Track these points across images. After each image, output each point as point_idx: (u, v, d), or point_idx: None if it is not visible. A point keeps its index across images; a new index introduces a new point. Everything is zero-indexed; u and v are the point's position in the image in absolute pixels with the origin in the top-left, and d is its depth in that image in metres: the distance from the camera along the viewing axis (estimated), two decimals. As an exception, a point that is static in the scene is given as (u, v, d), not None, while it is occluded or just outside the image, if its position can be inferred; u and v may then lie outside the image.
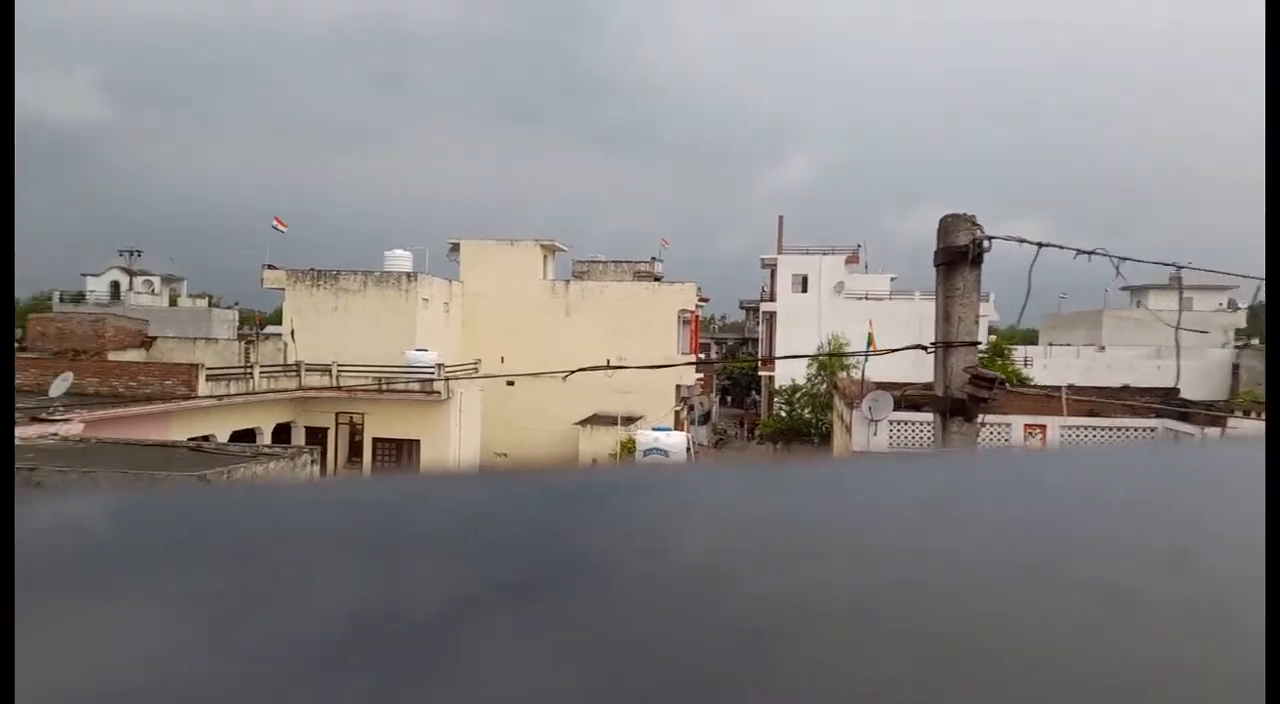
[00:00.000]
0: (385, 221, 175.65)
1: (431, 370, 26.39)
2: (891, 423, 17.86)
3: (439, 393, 25.85)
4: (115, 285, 53.44)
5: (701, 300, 38.83)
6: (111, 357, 25.13)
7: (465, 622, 0.33)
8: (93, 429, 16.86)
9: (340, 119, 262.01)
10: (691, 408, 39.18)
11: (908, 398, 18.56)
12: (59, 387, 19.54)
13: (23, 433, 15.46)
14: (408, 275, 31.03)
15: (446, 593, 0.35)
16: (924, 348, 5.24)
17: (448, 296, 33.44)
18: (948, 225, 4.73)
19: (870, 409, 17.54)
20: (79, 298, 52.09)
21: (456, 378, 26.94)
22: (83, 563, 0.37)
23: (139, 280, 54.25)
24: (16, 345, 31.92)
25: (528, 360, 29.22)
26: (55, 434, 16.05)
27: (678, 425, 32.79)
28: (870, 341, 27.05)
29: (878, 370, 22.29)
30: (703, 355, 48.67)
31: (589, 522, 0.47)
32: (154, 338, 28.89)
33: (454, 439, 26.32)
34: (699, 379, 39.22)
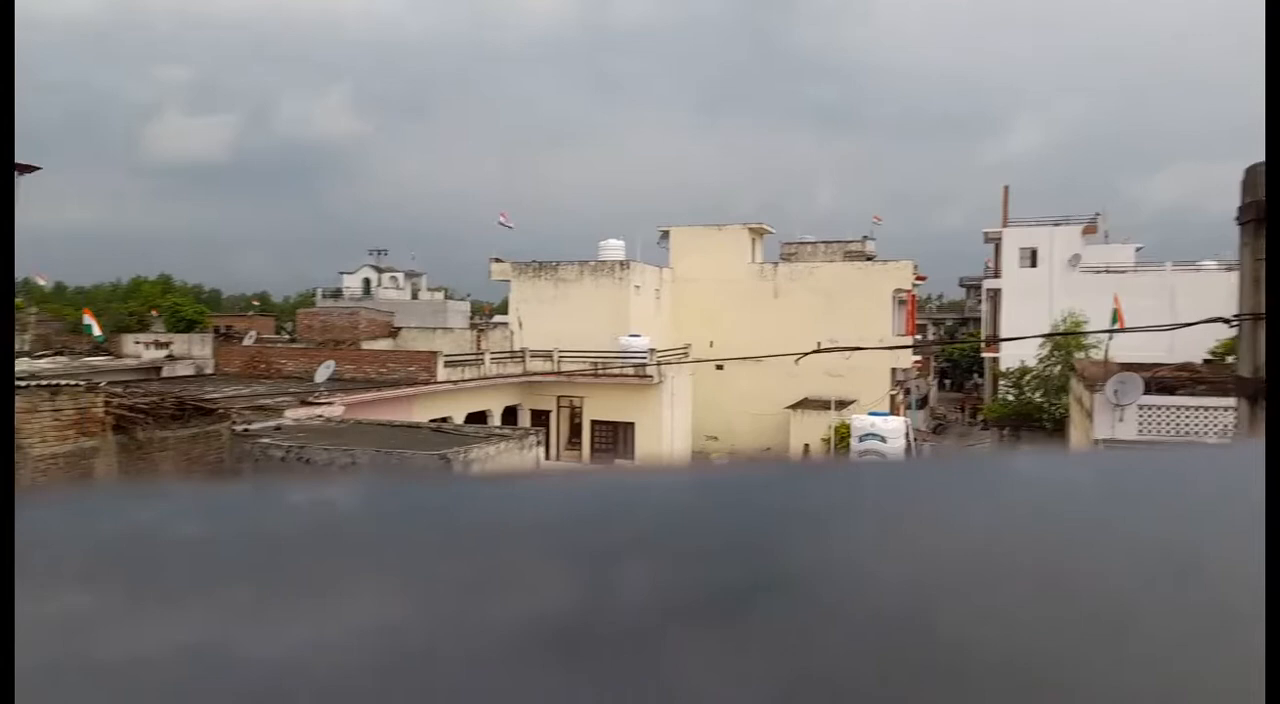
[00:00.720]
0: (600, 212, 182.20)
1: (644, 355, 27.11)
2: (1141, 408, 16.17)
3: (651, 377, 26.51)
4: (367, 282, 59.31)
5: (918, 279, 37.02)
6: (365, 345, 27.92)
7: (670, 627, 0.32)
8: (351, 411, 18.85)
9: (558, 118, 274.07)
10: (908, 391, 37.57)
11: (1159, 380, 16.73)
12: (323, 373, 21.99)
13: (294, 414, 17.57)
14: (620, 263, 32.00)
15: (652, 596, 0.34)
16: (1225, 321, 4.41)
17: (658, 283, 34.13)
18: (1257, 177, 3.86)
19: (1116, 393, 15.96)
20: (337, 293, 58.24)
21: (673, 362, 27.51)
22: (323, 546, 0.39)
23: (386, 276, 59.89)
24: (288, 337, 36.27)
25: (736, 344, 29.25)
26: (320, 415, 18.11)
27: (893, 410, 31.58)
28: (1116, 317, 24.64)
29: (1121, 350, 20.28)
30: (919, 336, 46.50)
31: (800, 525, 0.43)
32: (399, 328, 31.77)
33: (666, 422, 26.90)
34: (915, 362, 37.52)
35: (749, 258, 35.34)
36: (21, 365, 23.35)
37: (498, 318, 41.54)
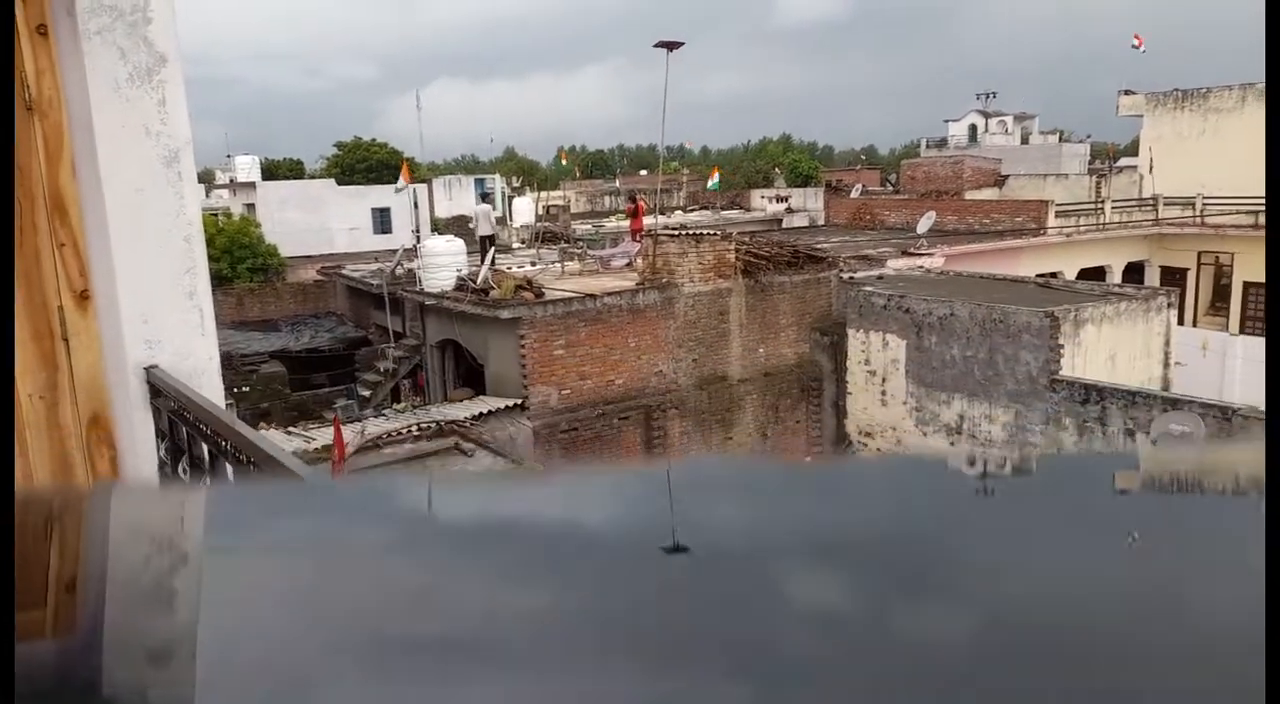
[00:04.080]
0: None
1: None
2: None
3: (1343, 229, 20.59)
4: (972, 128, 56.74)
5: None
6: (968, 195, 27.00)
7: None
8: (952, 262, 18.57)
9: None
10: None
11: None
12: (924, 224, 21.95)
13: (895, 264, 17.97)
14: (1308, 81, 24.92)
15: None
16: None
17: (1369, 103, 25.81)
18: None
19: None
20: (942, 143, 56.86)
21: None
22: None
23: (994, 121, 56.44)
24: (891, 189, 36.90)
25: None
26: (921, 266, 18.22)
27: None
28: None
29: None
30: None
31: None
32: (1006, 176, 29.85)
33: (1361, 288, 20.83)
34: None
35: None
36: (675, 218, 28.11)
37: (1124, 161, 36.55)
